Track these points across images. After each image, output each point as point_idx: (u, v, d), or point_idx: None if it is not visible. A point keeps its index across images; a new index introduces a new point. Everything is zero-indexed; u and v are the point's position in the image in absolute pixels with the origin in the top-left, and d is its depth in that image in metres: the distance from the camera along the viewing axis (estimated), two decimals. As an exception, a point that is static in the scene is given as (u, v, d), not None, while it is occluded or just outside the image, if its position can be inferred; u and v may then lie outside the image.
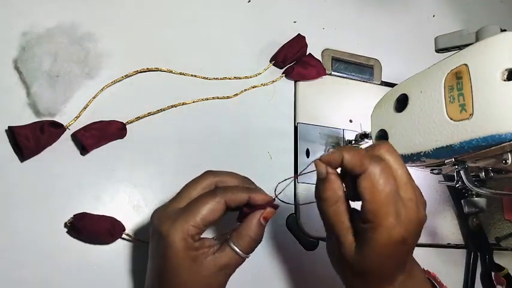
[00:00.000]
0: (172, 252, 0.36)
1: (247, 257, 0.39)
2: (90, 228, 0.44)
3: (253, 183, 0.42)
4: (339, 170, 0.36)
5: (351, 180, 0.35)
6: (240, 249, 0.38)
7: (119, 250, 0.47)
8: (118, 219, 0.46)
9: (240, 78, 0.58)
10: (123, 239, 0.47)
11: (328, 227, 0.37)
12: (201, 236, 0.38)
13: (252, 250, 0.39)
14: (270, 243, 0.54)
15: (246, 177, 0.42)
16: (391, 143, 0.36)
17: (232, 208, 0.38)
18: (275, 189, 0.40)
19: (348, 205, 0.37)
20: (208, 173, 0.41)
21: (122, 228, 0.46)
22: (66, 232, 0.45)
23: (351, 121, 0.62)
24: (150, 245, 0.40)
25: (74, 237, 0.45)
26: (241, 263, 0.39)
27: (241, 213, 0.40)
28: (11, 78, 0.47)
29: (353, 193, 0.36)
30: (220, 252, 0.38)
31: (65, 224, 0.44)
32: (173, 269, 0.37)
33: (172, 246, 0.36)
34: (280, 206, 0.55)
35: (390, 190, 0.33)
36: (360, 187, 0.34)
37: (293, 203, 0.55)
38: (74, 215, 0.44)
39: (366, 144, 0.59)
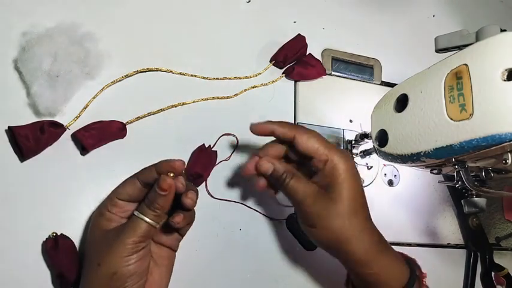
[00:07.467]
0: (90, 227, 0.43)
1: (155, 226, 0.40)
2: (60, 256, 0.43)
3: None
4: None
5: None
6: (140, 213, 0.40)
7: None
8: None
9: (240, 78, 0.58)
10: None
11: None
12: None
13: (155, 216, 0.40)
14: (270, 243, 0.54)
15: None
16: (391, 143, 0.36)
17: (147, 183, 0.42)
18: None
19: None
20: None
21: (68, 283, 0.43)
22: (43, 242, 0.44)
23: (351, 121, 0.62)
24: None
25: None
26: (147, 232, 0.40)
27: None
28: (11, 78, 0.47)
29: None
30: (128, 221, 0.41)
31: (49, 235, 0.44)
32: (90, 239, 0.42)
33: (92, 222, 0.43)
34: (280, 207, 0.55)
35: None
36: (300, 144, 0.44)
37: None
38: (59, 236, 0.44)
39: (366, 144, 0.59)
